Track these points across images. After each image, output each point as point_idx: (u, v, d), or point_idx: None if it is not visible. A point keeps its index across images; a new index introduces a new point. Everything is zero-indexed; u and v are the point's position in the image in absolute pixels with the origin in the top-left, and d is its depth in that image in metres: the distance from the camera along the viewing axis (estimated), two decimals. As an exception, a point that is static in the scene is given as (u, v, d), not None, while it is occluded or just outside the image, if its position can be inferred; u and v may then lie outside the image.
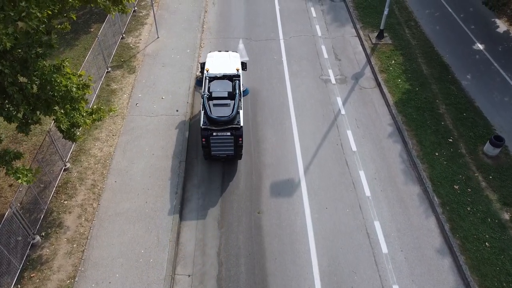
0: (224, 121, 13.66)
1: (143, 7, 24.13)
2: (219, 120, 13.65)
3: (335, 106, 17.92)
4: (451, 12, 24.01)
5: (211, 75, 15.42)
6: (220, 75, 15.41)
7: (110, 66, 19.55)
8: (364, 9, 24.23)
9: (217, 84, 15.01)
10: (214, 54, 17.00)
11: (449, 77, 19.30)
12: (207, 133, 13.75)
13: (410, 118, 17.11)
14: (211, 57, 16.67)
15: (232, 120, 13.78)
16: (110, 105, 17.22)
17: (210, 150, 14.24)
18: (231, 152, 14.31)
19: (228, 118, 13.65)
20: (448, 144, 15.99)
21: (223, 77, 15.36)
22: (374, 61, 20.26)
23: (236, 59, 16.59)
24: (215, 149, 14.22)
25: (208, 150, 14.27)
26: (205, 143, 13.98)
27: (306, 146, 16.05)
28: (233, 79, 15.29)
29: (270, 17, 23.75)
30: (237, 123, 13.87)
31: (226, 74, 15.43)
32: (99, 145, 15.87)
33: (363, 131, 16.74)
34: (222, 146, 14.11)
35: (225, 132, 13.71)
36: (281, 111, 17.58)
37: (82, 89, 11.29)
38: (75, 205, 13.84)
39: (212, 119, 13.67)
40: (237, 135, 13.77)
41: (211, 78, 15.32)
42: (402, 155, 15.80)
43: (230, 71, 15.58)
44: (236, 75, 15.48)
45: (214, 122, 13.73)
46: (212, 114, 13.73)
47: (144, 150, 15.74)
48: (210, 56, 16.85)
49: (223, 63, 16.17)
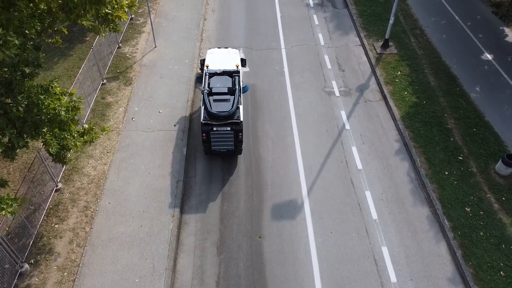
0: (224, 116, 13.90)
1: (140, 14, 23.43)
2: (219, 115, 13.88)
3: (339, 120, 17.21)
4: (458, 19, 23.30)
5: (211, 71, 15.63)
6: (220, 71, 15.63)
7: (106, 78, 18.85)
8: (368, 17, 23.51)
9: (217, 80, 15.29)
10: (214, 50, 17.21)
11: (457, 89, 18.58)
12: (207, 128, 13.96)
13: (418, 133, 16.40)
14: (211, 54, 16.86)
15: (232, 115, 14.02)
16: (103, 124, 16.51)
17: (211, 145, 14.41)
18: (231, 147, 14.47)
19: (228, 113, 13.89)
20: (458, 162, 15.28)
21: (223, 73, 15.60)
22: (379, 72, 19.54)
23: (235, 56, 16.83)
24: (216, 144, 14.39)
25: (209, 145, 14.45)
26: (205, 138, 14.17)
27: (309, 164, 15.35)
28: (233, 75, 15.52)
29: (271, 25, 23.05)
30: (237, 118, 14.07)
31: (225, 70, 15.67)
32: (93, 163, 15.17)
33: (369, 148, 16.03)
34: (222, 141, 14.29)
35: (225, 127, 13.94)
36: (283, 126, 16.87)
37: (71, 111, 10.58)
38: (66, 229, 13.13)
39: (212, 114, 13.90)
40: (237, 130, 13.98)
41: (211, 74, 15.56)
42: (410, 173, 15.09)
43: (230, 67, 15.83)
44: (235, 71, 15.68)
45: (214, 117, 13.95)
46: (212, 109, 13.98)
47: (139, 168, 15.04)
48: (210, 52, 17.02)
49: (223, 59, 16.42)
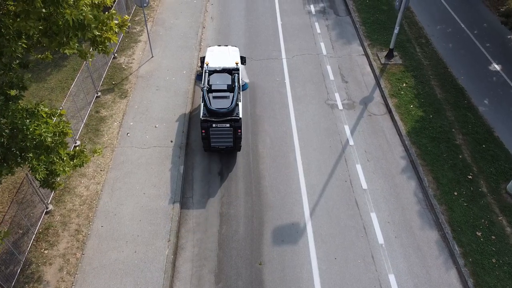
0: (223, 112, 14.01)
1: (137, 22, 22.76)
2: (218, 112, 14.00)
3: (343, 135, 16.53)
4: (464, 28, 22.62)
5: (211, 68, 15.77)
6: (219, 69, 15.75)
7: (100, 90, 18.17)
8: (371, 25, 22.84)
9: (217, 77, 15.43)
10: (214, 48, 17.30)
11: (465, 102, 17.91)
12: (206, 125, 14.10)
13: (425, 150, 15.72)
14: (211, 51, 16.97)
15: (231, 112, 14.14)
16: (96, 139, 15.86)
17: (210, 141, 14.53)
18: (230, 143, 14.59)
19: (227, 110, 14.01)
20: (468, 182, 14.60)
21: (222, 71, 15.71)
22: (384, 84, 18.87)
23: (235, 53, 16.92)
24: (215, 140, 14.51)
25: (208, 142, 14.58)
26: (204, 134, 14.31)
27: (312, 184, 14.68)
28: (232, 72, 15.62)
29: (272, 33, 22.37)
30: (236, 115, 14.19)
31: (225, 68, 15.78)
32: (86, 183, 14.51)
33: (374, 165, 15.35)
34: (222, 137, 14.41)
35: (224, 123, 14.05)
36: (284, 142, 16.20)
37: (59, 136, 9.91)
38: (56, 255, 12.46)
39: (212, 111, 14.03)
40: (236, 127, 14.12)
41: (211, 71, 15.68)
42: (417, 194, 14.41)
43: (230, 65, 15.95)
44: (235, 68, 15.80)
45: (213, 114, 14.08)
46: (211, 106, 14.13)
47: (134, 188, 14.37)
48: (210, 50, 17.13)
49: (223, 57, 16.52)
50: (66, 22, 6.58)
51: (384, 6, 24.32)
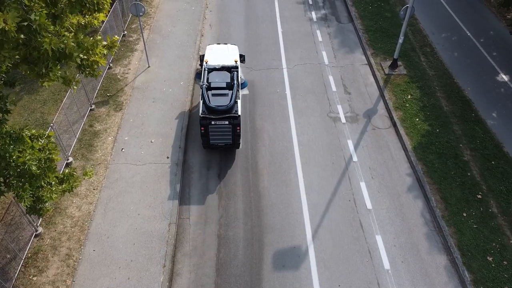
0: (222, 110, 14.14)
1: (133, 30, 22.13)
2: (217, 109, 14.12)
3: (346, 151, 15.89)
4: (470, 36, 21.98)
5: (210, 66, 15.82)
6: (218, 67, 15.79)
7: (95, 103, 17.54)
8: (374, 32, 22.20)
9: (216, 75, 15.50)
10: (214, 46, 17.39)
11: (472, 115, 17.27)
12: (206, 122, 14.19)
13: (432, 167, 15.08)
14: (210, 49, 17.05)
15: (230, 109, 14.26)
16: (89, 156, 15.23)
17: (209, 139, 14.63)
18: (229, 140, 14.69)
19: (226, 107, 14.16)
20: (477, 201, 13.97)
21: (221, 68, 15.77)
22: (388, 96, 18.23)
23: (234, 51, 17.00)
24: (214, 137, 14.60)
25: (207, 139, 14.68)
26: (204, 131, 14.44)
27: (314, 203, 14.04)
28: (232, 70, 15.68)
29: (272, 42, 21.74)
30: (235, 112, 14.29)
31: (224, 66, 15.82)
32: (78, 203, 13.88)
33: (379, 184, 14.72)
34: (221, 134, 14.50)
35: (223, 121, 14.16)
36: (285, 158, 15.57)
37: (45, 163, 9.28)
38: (45, 282, 11.83)
39: (211, 108, 14.16)
40: (235, 124, 14.22)
41: (210, 69, 15.75)
42: (424, 214, 13.78)
43: (229, 63, 15.99)
44: (234, 66, 15.82)
45: (212, 111, 14.20)
46: (210, 103, 14.24)
47: (128, 208, 13.74)
48: (210, 48, 17.19)
49: (222, 55, 16.58)
50: (45, 51, 5.96)
51: (388, 13, 23.69)
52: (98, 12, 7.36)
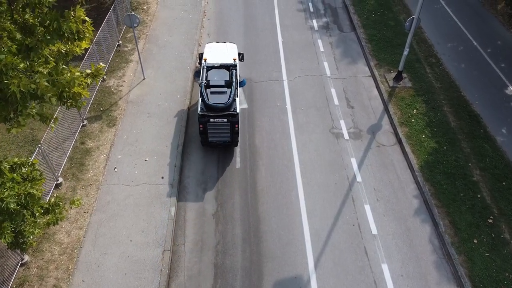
0: (221, 107, 14.18)
1: (128, 40, 21.39)
2: (216, 107, 14.16)
3: (350, 170, 15.17)
4: (477, 46, 21.25)
5: (209, 64, 15.88)
6: (217, 65, 15.85)
7: (87, 118, 16.81)
8: (378, 42, 21.47)
9: (215, 73, 15.57)
10: (212, 44, 17.49)
11: (481, 131, 16.54)
12: (204, 120, 14.25)
13: (440, 188, 14.36)
14: (209, 48, 17.15)
15: (228, 107, 14.28)
16: (80, 175, 14.51)
17: (208, 136, 14.67)
18: (228, 138, 14.73)
19: (224, 105, 14.18)
20: (488, 226, 13.25)
21: (220, 67, 15.80)
22: (393, 110, 17.50)
23: (233, 50, 17.07)
24: (212, 135, 14.64)
25: (206, 137, 14.72)
26: (202, 129, 14.48)
27: (316, 229, 13.32)
28: (230, 68, 15.76)
29: (273, 52, 21.01)
30: (233, 110, 14.32)
31: (223, 64, 15.88)
32: (67, 227, 13.15)
33: (384, 206, 13.99)
34: (219, 132, 14.56)
35: (222, 118, 14.20)
36: (285, 178, 14.84)
37: (25, 199, 8.55)
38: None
39: (210, 106, 14.20)
40: (233, 122, 14.28)
41: (209, 67, 15.80)
42: (432, 240, 13.05)
43: (227, 61, 16.07)
44: (233, 64, 15.88)
45: (211, 109, 14.24)
46: (209, 101, 14.31)
47: (120, 234, 13.01)
48: (209, 46, 17.27)
49: (221, 53, 16.65)
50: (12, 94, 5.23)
51: (391, 22, 22.96)
52: (79, 41, 6.66)
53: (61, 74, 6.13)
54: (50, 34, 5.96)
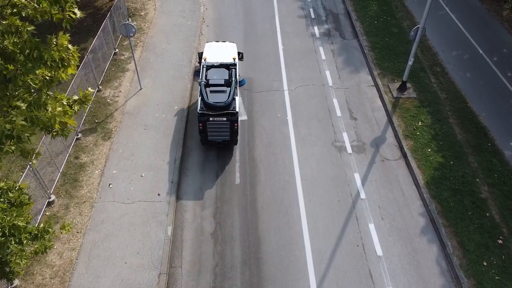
0: (220, 106, 14.22)
1: (125, 48, 20.85)
2: (215, 106, 14.21)
3: (353, 186, 14.64)
4: (482, 54, 20.71)
5: (209, 63, 15.98)
6: (217, 64, 15.92)
7: (81, 131, 16.28)
8: (381, 50, 20.93)
9: (214, 72, 15.65)
10: (212, 44, 17.58)
11: (488, 144, 16.02)
12: (204, 119, 14.30)
13: (447, 206, 13.83)
14: (209, 47, 17.23)
15: (228, 106, 14.32)
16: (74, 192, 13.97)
17: (207, 135, 14.70)
18: (227, 137, 14.75)
19: (224, 104, 14.23)
20: (498, 247, 12.72)
21: (220, 66, 15.87)
22: (397, 122, 16.97)
23: (233, 49, 17.12)
24: (212, 134, 14.66)
25: (205, 135, 14.76)
26: (202, 128, 14.50)
27: (318, 249, 12.79)
28: (230, 67, 15.82)
29: (273, 60, 20.47)
30: (232, 109, 14.35)
31: (223, 63, 15.94)
32: (59, 248, 12.62)
33: (389, 225, 13.47)
34: (219, 131, 14.57)
35: (221, 117, 14.24)
36: (286, 195, 14.32)
37: (9, 231, 8.01)
38: None
39: (209, 105, 14.25)
40: (232, 121, 14.31)
41: (209, 66, 15.89)
42: (440, 262, 12.53)
43: (227, 60, 16.14)
44: (232, 64, 15.97)
45: (211, 108, 14.28)
46: (209, 100, 14.35)
47: (114, 256, 12.48)
48: (208, 45, 17.35)
49: (220, 52, 16.74)
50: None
51: (394, 28, 22.43)
52: (64, 68, 6.14)
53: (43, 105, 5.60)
54: (31, 62, 5.46)
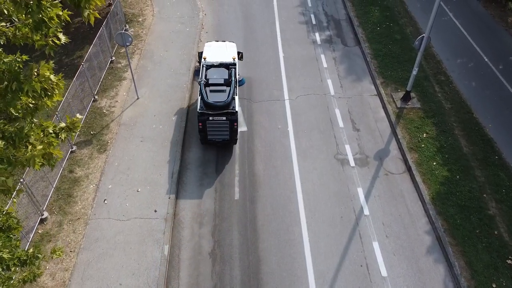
0: (220, 106, 14.27)
1: (122, 55, 20.37)
2: (215, 105, 14.26)
3: (356, 202, 14.18)
4: (487, 62, 20.25)
5: (209, 63, 16.05)
6: (217, 63, 15.99)
7: (76, 143, 15.81)
8: (383, 58, 20.47)
9: (214, 72, 15.72)
10: (212, 43, 17.66)
11: (495, 157, 15.55)
12: (203, 118, 14.37)
13: (454, 224, 13.37)
14: (209, 46, 17.31)
15: (227, 105, 14.39)
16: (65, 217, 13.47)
17: (207, 134, 14.77)
18: (227, 136, 14.82)
19: (223, 103, 14.30)
20: (507, 268, 12.25)
21: (219, 65, 15.93)
22: (401, 134, 16.51)
23: (232, 49, 17.20)
24: (211, 133, 14.73)
25: (205, 135, 14.83)
26: (201, 127, 14.57)
27: (321, 270, 12.32)
28: (229, 67, 15.88)
29: (274, 68, 20.00)
30: (232, 109, 14.44)
31: (222, 63, 16.00)
32: (52, 269, 12.15)
33: (394, 244, 13.00)
34: (218, 130, 14.63)
35: (221, 116, 14.31)
36: (287, 211, 13.85)
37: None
38: None
39: (209, 104, 14.31)
40: (232, 120, 14.39)
41: (208, 66, 15.96)
42: (447, 284, 12.05)
43: (227, 60, 16.22)
44: (232, 63, 16.05)
45: (210, 107, 14.34)
46: (208, 99, 14.42)
47: (109, 277, 12.01)
48: (208, 45, 17.45)
49: (220, 52, 16.82)
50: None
51: (397, 35, 21.96)
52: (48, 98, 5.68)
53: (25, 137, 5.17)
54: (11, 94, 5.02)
